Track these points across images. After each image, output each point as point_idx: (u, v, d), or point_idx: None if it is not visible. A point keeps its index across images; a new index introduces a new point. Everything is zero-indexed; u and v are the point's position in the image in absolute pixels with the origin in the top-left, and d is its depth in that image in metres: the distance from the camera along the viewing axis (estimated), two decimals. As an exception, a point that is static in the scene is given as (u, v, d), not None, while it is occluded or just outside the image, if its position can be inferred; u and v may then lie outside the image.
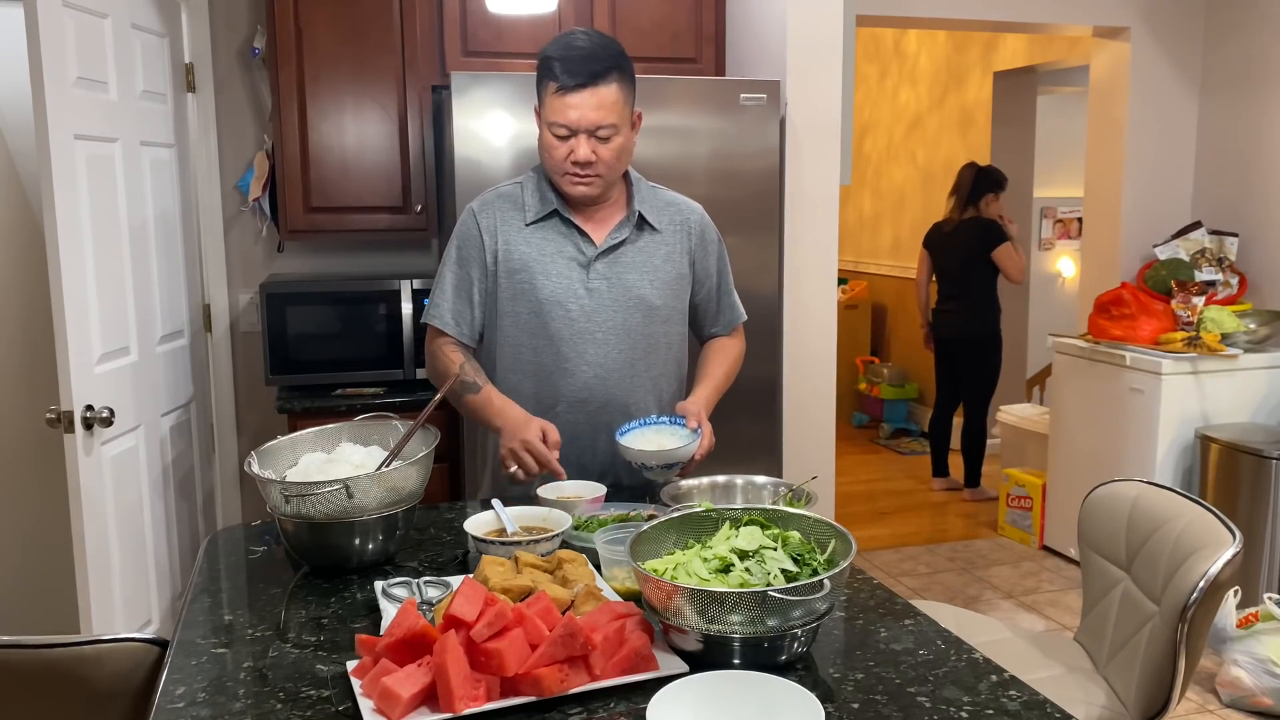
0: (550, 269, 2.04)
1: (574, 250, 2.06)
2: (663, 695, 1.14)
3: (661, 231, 2.11)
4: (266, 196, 3.40)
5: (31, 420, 3.17)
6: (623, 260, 2.07)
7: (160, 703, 1.23)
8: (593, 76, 1.91)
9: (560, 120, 1.93)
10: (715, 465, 1.99)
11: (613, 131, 1.96)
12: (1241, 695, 3.13)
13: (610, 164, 1.99)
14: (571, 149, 1.95)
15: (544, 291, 2.04)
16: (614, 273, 2.06)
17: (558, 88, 1.92)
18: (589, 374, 2.06)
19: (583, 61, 1.92)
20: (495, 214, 2.08)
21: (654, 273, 2.09)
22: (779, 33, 3.14)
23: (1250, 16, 4.27)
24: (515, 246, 2.05)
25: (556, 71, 1.92)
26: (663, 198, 2.16)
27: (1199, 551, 1.74)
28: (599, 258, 2.06)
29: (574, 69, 1.91)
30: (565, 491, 1.86)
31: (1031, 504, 4.62)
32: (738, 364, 2.27)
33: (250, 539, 1.84)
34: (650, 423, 2.02)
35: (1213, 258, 4.29)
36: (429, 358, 2.15)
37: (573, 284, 2.05)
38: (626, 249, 2.08)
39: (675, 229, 2.13)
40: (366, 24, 3.18)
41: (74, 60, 2.42)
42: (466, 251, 2.09)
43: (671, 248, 2.12)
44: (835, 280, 3.25)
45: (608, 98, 1.94)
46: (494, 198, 2.11)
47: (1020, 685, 1.26)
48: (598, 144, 1.95)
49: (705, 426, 2.00)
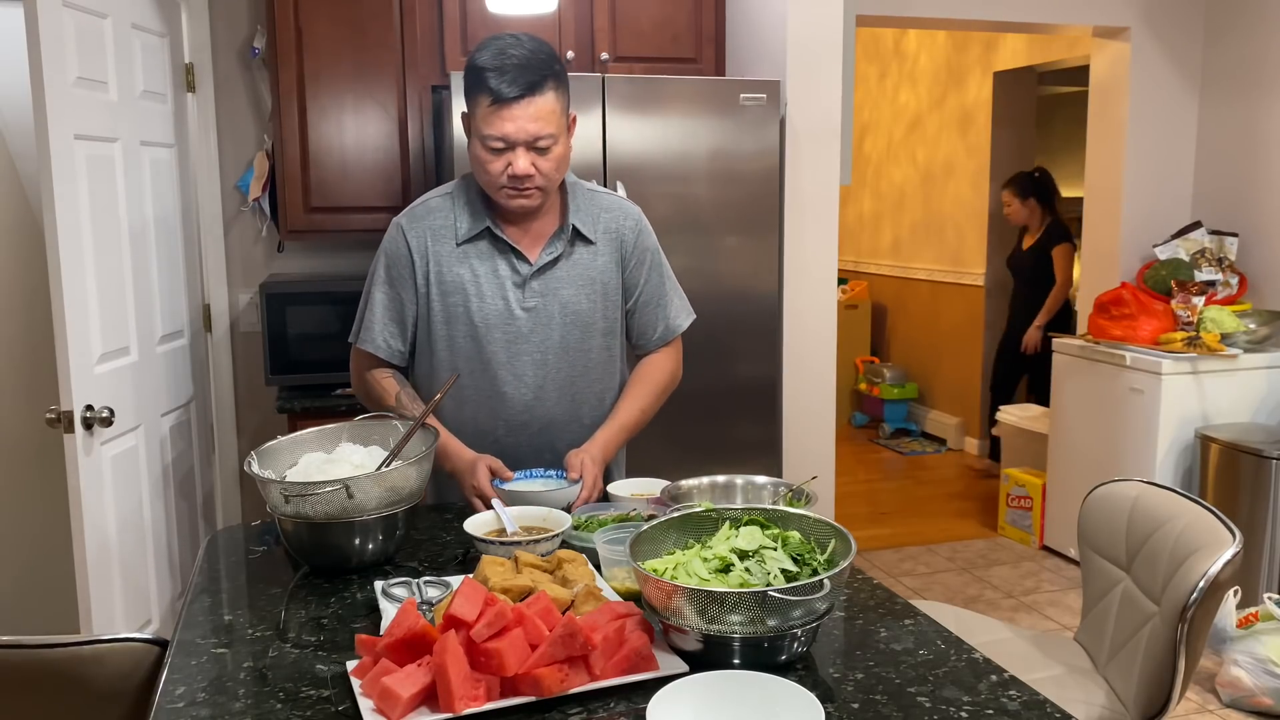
0: (485, 290, 1.94)
1: (508, 269, 1.95)
2: (663, 695, 1.14)
3: (595, 243, 1.99)
4: (266, 196, 3.40)
5: (31, 420, 3.17)
6: (558, 276, 1.97)
7: (160, 703, 1.23)
8: (530, 87, 1.79)
9: (494, 133, 1.81)
10: (715, 465, 1.99)
11: (552, 141, 1.84)
12: (1241, 695, 3.12)
13: (549, 175, 1.87)
14: (509, 162, 1.83)
15: (478, 314, 1.94)
16: (550, 289, 1.96)
17: (492, 100, 1.80)
18: (528, 396, 1.98)
19: (518, 72, 1.79)
20: (425, 232, 1.96)
21: (590, 286, 1.99)
22: (779, 33, 3.14)
23: (1250, 16, 4.27)
24: (448, 267, 1.95)
25: (491, 84, 1.79)
26: (599, 203, 2.02)
27: (1199, 551, 1.74)
28: (534, 276, 1.95)
29: (510, 80, 1.79)
30: (634, 490, 1.88)
31: (1031, 504, 4.62)
32: (664, 391, 2.12)
33: (250, 539, 1.84)
34: (536, 475, 1.93)
35: (1213, 258, 4.29)
36: (358, 381, 2.05)
37: (509, 304, 1.95)
38: (561, 264, 1.97)
39: (609, 237, 2.01)
40: (366, 24, 3.18)
41: (74, 60, 2.42)
42: (396, 271, 1.97)
43: (607, 258, 2.01)
44: (835, 280, 3.25)
45: (545, 107, 1.81)
46: (423, 211, 1.98)
47: (1020, 685, 1.26)
48: (536, 155, 1.83)
49: (589, 475, 1.88)
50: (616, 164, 3.02)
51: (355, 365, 2.06)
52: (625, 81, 3.02)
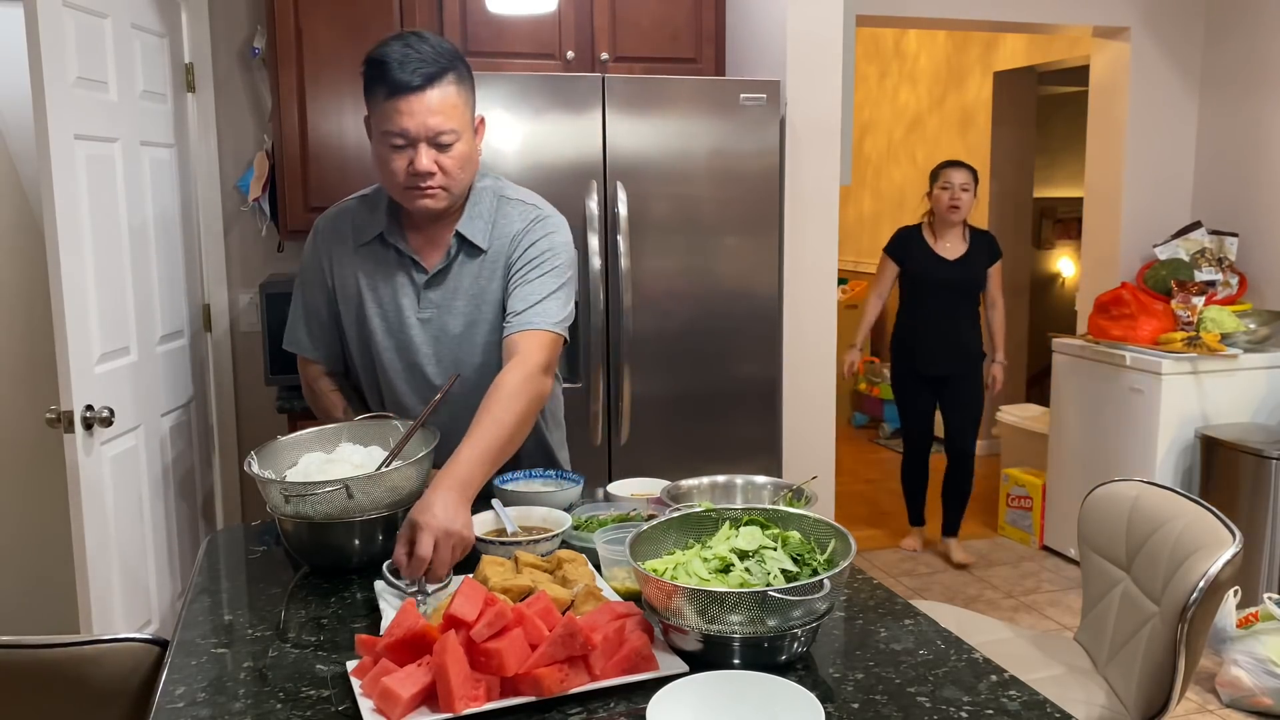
0: (382, 296, 1.88)
1: (404, 277, 1.87)
2: (663, 695, 1.14)
3: (488, 251, 1.87)
4: (266, 196, 3.39)
5: (31, 420, 3.17)
6: (450, 286, 1.87)
7: (160, 703, 1.23)
8: (428, 79, 1.71)
9: (394, 128, 1.73)
10: (715, 465, 1.99)
11: (454, 137, 1.75)
12: (1241, 695, 3.12)
13: (454, 174, 1.78)
14: (410, 159, 1.75)
15: (374, 321, 1.88)
16: (444, 301, 1.87)
17: (389, 92, 1.71)
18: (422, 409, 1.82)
19: (417, 63, 1.71)
20: (331, 234, 1.92)
21: (479, 297, 1.88)
22: (779, 33, 3.14)
23: (1250, 16, 4.27)
24: (349, 271, 1.90)
25: (389, 74, 1.71)
26: (505, 210, 1.89)
27: (1199, 551, 1.74)
28: (428, 286, 1.87)
29: (409, 70, 1.70)
30: (634, 490, 1.88)
31: (1031, 504, 4.62)
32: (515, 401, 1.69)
33: (250, 539, 1.84)
34: (536, 475, 1.93)
35: (1213, 258, 4.29)
36: (307, 395, 2.03)
37: (403, 313, 1.87)
38: (452, 274, 1.87)
39: (500, 243, 1.88)
40: (366, 24, 3.18)
41: (74, 60, 2.42)
42: (308, 275, 1.95)
43: (494, 266, 1.88)
44: (835, 280, 3.25)
45: (446, 101, 1.73)
46: (334, 213, 1.94)
47: (1020, 685, 1.26)
48: (438, 153, 1.75)
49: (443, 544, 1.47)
50: (616, 164, 3.02)
51: (300, 372, 2.04)
52: (625, 81, 3.02)
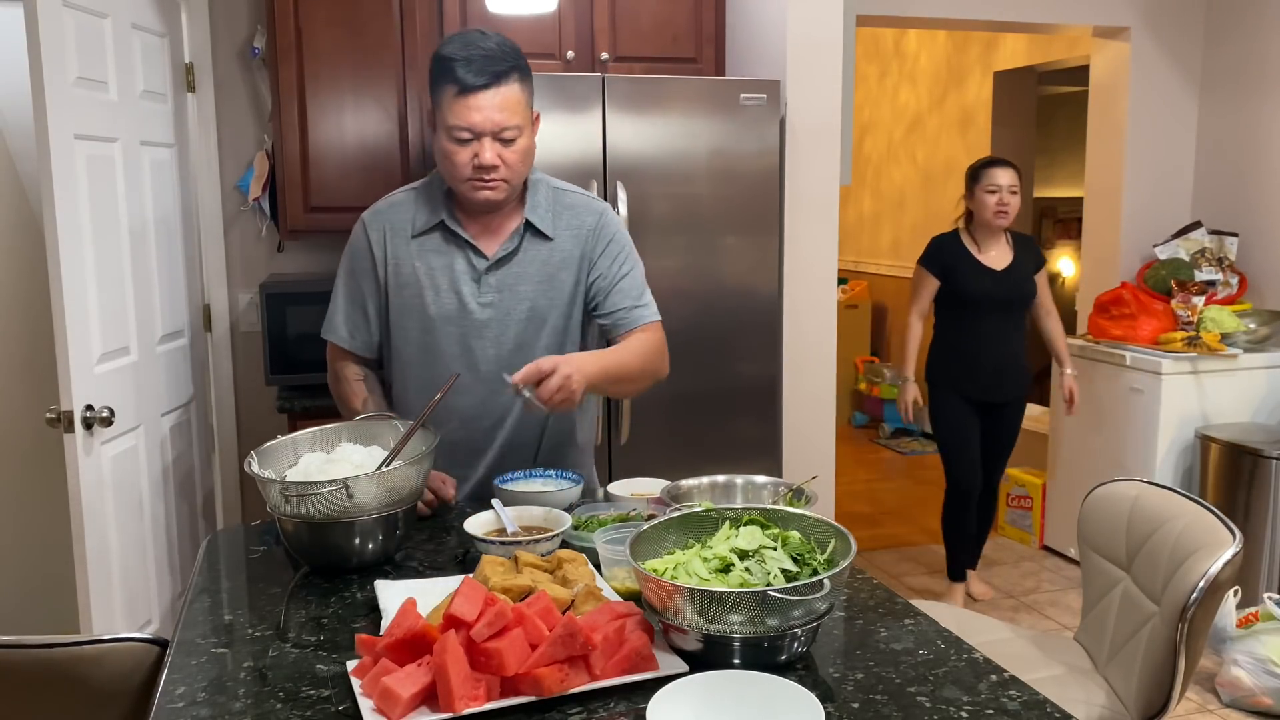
0: (440, 283, 1.96)
1: (464, 264, 1.96)
2: (663, 695, 1.14)
3: (555, 239, 1.98)
4: (266, 196, 3.39)
5: (31, 420, 3.17)
6: (514, 272, 1.96)
7: (160, 703, 1.23)
8: (496, 77, 1.82)
9: (462, 123, 1.82)
10: (715, 465, 1.99)
11: (517, 133, 1.86)
12: (1241, 695, 3.12)
13: (515, 167, 1.88)
14: (475, 153, 1.84)
15: (433, 308, 1.96)
16: (505, 285, 1.96)
17: (459, 90, 1.81)
18: (483, 391, 1.97)
19: (484, 61, 1.81)
20: (385, 225, 1.99)
21: (547, 283, 1.98)
22: (779, 33, 3.14)
23: (1250, 16, 4.27)
24: (404, 260, 1.97)
25: (457, 73, 1.81)
26: (564, 201, 2.02)
27: (1199, 551, 1.74)
28: (490, 270, 1.96)
29: (477, 69, 1.81)
30: (634, 490, 1.88)
31: (1031, 504, 4.62)
32: (645, 357, 2.00)
33: (250, 539, 1.84)
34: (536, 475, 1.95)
35: (1213, 258, 4.30)
36: (331, 380, 2.09)
37: (463, 298, 1.96)
38: (518, 260, 1.97)
39: (571, 235, 2.00)
40: (366, 24, 3.18)
41: (74, 60, 2.42)
42: (356, 264, 2.02)
43: (566, 255, 1.99)
44: (835, 280, 3.25)
45: (511, 98, 1.84)
46: (385, 207, 2.02)
47: (1020, 685, 1.26)
48: (502, 147, 1.85)
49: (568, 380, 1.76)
50: (616, 164, 3.02)
51: (328, 359, 2.10)
52: (625, 81, 3.02)
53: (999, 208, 3.67)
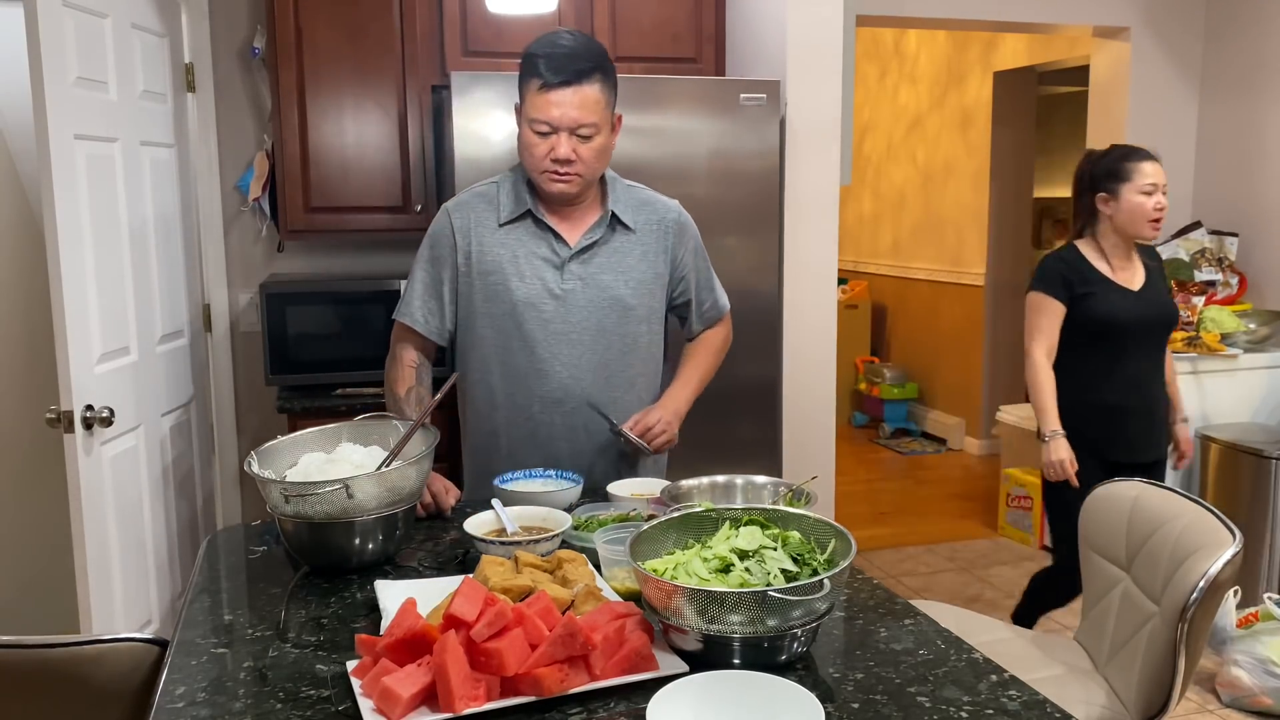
0: (524, 270, 2.05)
1: (548, 251, 2.05)
2: (663, 695, 1.14)
3: (636, 231, 2.11)
4: (266, 196, 3.40)
5: (31, 420, 3.17)
6: (596, 261, 2.07)
7: (160, 703, 1.23)
8: (577, 75, 1.92)
9: (542, 117, 1.93)
10: (715, 465, 1.99)
11: (594, 131, 1.95)
12: (1241, 695, 3.12)
13: (590, 163, 1.98)
14: (552, 146, 1.95)
15: (518, 293, 2.04)
16: (588, 273, 2.06)
17: (541, 85, 1.92)
18: (564, 375, 2.07)
19: (567, 59, 1.92)
20: (469, 214, 2.08)
21: (629, 273, 2.09)
22: (779, 33, 3.14)
23: (1250, 16, 4.27)
24: (489, 248, 2.06)
25: (541, 69, 1.92)
26: (638, 197, 2.15)
27: (1199, 551, 1.75)
28: (573, 259, 2.06)
29: (558, 66, 1.91)
30: (634, 490, 1.89)
31: (1031, 504, 4.62)
32: (720, 355, 2.31)
33: (250, 539, 1.84)
34: (536, 475, 1.99)
35: (1213, 258, 4.30)
36: (389, 361, 2.15)
37: (546, 285, 2.05)
38: (601, 249, 2.08)
39: (651, 228, 2.13)
40: (366, 24, 3.18)
41: (74, 60, 2.42)
42: (438, 251, 2.10)
43: (647, 247, 2.12)
44: (835, 280, 3.25)
45: (590, 97, 1.93)
46: (469, 197, 2.11)
47: (1020, 685, 1.26)
48: (578, 142, 1.95)
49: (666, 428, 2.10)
50: (616, 164, 2.99)
51: (393, 339, 2.16)
52: (625, 81, 2.99)
53: (1156, 213, 2.89)
